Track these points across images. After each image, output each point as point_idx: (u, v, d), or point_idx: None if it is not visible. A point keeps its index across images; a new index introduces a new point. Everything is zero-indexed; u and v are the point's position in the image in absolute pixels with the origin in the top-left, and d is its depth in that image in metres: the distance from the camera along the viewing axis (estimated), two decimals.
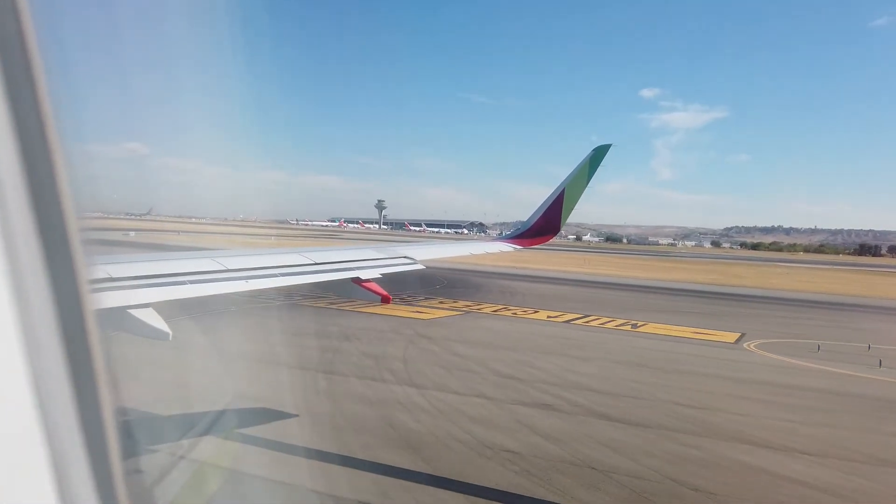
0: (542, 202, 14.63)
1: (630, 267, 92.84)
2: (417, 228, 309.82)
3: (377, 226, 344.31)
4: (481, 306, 38.03)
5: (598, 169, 14.33)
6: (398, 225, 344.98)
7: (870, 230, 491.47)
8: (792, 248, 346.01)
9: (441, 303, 38.42)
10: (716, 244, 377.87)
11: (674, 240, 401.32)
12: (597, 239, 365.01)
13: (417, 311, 34.25)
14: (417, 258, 11.89)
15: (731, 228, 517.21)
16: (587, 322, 34.52)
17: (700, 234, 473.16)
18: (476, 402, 17.07)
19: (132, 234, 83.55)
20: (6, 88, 1.38)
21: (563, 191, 13.98)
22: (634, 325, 33.81)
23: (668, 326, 34.06)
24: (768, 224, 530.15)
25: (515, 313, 36.46)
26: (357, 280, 10.69)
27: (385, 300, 10.74)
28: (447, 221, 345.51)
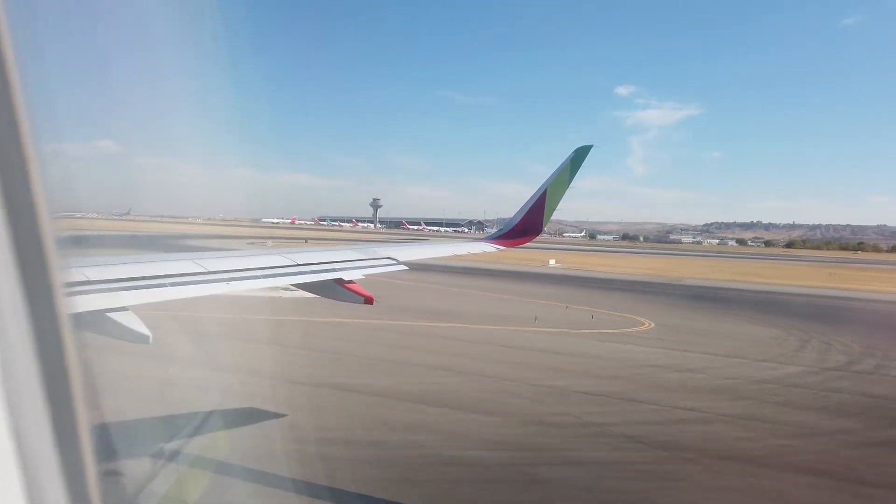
0: (523, 201, 14.71)
1: (857, 279, 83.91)
2: (416, 227, 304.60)
3: (373, 224, 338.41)
4: None
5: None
6: (394, 223, 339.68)
7: (847, 225, 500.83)
8: (828, 245, 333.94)
9: None
10: (741, 242, 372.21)
11: (694, 238, 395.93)
12: (610, 237, 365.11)
13: None
14: (400, 259, 11.91)
15: (712, 224, 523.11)
16: None
17: (681, 229, 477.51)
18: None
19: (270, 242, 78.19)
20: None
21: (546, 191, 14.07)
22: None
23: None
24: (747, 220, 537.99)
25: None
26: (340, 281, 10.68)
27: (368, 301, 10.75)
28: (446, 220, 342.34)
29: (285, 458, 13.81)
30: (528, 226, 14.42)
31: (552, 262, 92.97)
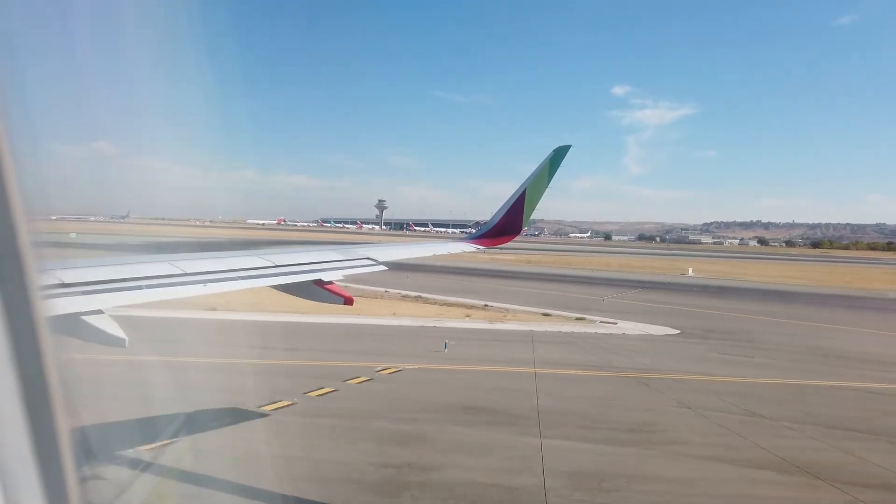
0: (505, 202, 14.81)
1: None
2: (423, 228, 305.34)
3: (378, 226, 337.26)
4: None
5: (564, 168, 14.54)
6: (399, 225, 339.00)
7: (847, 224, 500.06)
8: (855, 245, 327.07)
9: None
10: (763, 242, 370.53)
11: (715, 238, 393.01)
12: (625, 238, 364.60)
13: None
14: (380, 259, 11.96)
15: (711, 223, 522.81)
16: None
17: (681, 229, 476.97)
18: None
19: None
20: None
21: (525, 191, 14.17)
22: None
23: None
24: (746, 219, 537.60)
25: None
26: (319, 282, 10.72)
27: (348, 301, 10.78)
28: (453, 221, 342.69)
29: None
30: (507, 226, 14.53)
31: (690, 270, 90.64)
